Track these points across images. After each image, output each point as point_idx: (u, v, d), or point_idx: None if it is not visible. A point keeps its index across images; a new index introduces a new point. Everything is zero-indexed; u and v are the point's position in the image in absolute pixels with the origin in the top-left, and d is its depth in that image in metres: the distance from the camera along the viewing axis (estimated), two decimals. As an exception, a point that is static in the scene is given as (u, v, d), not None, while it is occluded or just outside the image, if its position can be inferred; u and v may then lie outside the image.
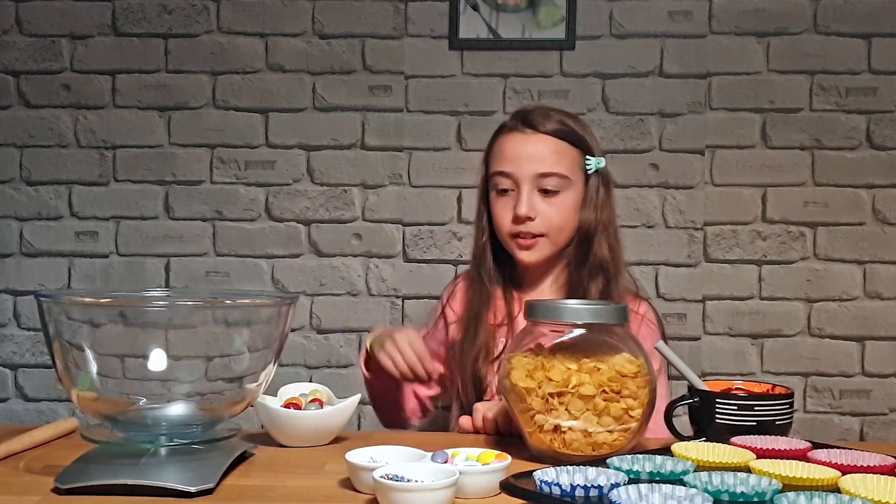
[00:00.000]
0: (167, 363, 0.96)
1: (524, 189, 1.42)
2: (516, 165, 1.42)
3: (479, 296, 1.48)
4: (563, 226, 1.45)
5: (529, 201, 1.41)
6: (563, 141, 1.43)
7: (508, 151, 1.43)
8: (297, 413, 1.18)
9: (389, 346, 1.32)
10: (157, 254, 2.17)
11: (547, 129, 1.43)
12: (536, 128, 1.43)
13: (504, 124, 1.49)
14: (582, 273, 1.45)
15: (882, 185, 2.09)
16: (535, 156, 1.41)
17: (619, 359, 1.09)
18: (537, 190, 1.42)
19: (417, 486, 0.88)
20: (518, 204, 1.41)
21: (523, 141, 1.43)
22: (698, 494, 0.78)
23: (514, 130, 1.44)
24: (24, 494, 0.93)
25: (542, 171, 1.41)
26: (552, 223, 1.43)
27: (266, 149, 2.16)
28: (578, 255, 1.46)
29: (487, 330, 1.45)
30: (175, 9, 2.15)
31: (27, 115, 2.17)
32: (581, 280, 1.45)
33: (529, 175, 1.41)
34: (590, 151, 1.46)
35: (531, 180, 1.41)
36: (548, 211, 1.43)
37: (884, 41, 2.09)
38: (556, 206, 1.43)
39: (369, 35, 2.14)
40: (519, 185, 1.42)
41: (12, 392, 2.19)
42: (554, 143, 1.42)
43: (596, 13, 2.11)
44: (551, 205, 1.43)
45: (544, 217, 1.43)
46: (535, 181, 1.41)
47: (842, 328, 2.10)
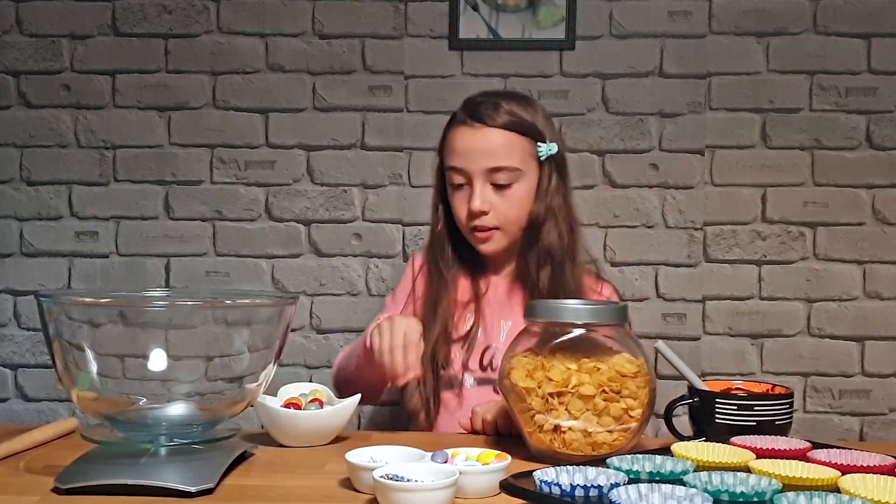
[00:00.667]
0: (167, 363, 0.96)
1: (477, 184, 1.43)
2: (467, 161, 1.43)
3: (437, 283, 1.50)
4: (518, 217, 1.47)
5: (482, 195, 1.43)
6: (512, 132, 1.44)
7: (458, 146, 1.45)
8: (297, 413, 1.18)
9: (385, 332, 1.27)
10: (157, 254, 2.17)
11: (496, 122, 1.43)
12: (485, 121, 1.43)
13: (454, 116, 1.50)
14: (529, 261, 1.47)
15: (882, 185, 2.09)
16: (484, 150, 1.42)
17: (619, 359, 1.09)
18: (490, 184, 1.43)
19: (417, 486, 0.88)
20: (471, 199, 1.43)
21: (472, 136, 1.43)
22: (698, 494, 0.78)
23: (463, 125, 1.45)
24: (24, 494, 0.93)
25: (492, 165, 1.42)
26: (506, 216, 1.45)
27: (266, 149, 2.16)
28: (525, 242, 1.48)
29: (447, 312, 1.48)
30: (175, 9, 2.15)
31: (27, 115, 2.17)
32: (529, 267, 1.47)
33: (480, 170, 1.43)
34: (541, 138, 1.46)
35: (483, 175, 1.43)
36: (501, 204, 1.44)
37: (884, 41, 2.09)
38: (508, 199, 1.44)
39: (369, 35, 2.14)
40: (471, 179, 1.44)
41: (12, 392, 2.19)
42: (503, 136, 1.43)
43: (596, 13, 2.11)
44: (504, 198, 1.44)
45: (498, 210, 1.45)
46: (487, 175, 1.43)
47: (842, 328, 2.10)
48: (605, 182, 2.11)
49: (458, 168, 1.45)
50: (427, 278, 1.53)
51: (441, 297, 1.49)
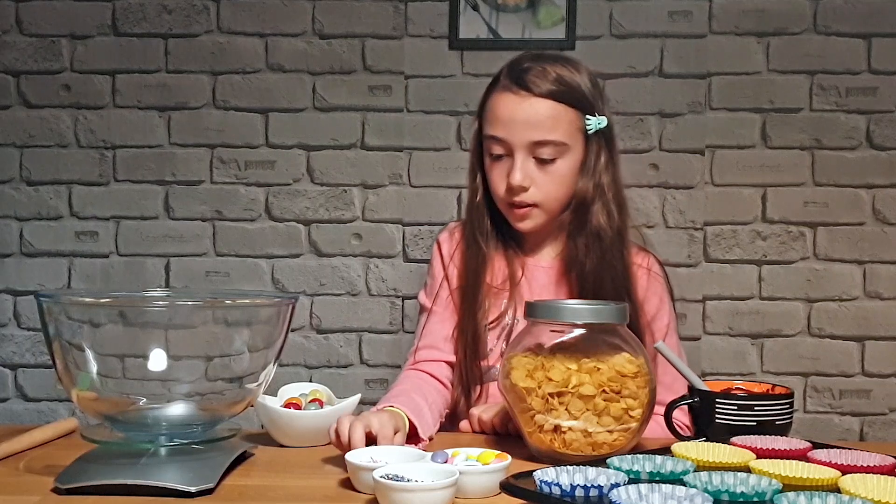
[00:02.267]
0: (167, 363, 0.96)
1: (518, 157, 1.32)
2: (509, 131, 1.31)
3: (476, 259, 1.39)
4: (559, 195, 1.36)
5: (524, 169, 1.32)
6: (560, 103, 1.32)
7: (501, 115, 1.32)
8: (297, 413, 1.18)
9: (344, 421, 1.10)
10: (157, 254, 2.17)
11: (543, 91, 1.31)
12: (531, 90, 1.31)
13: (497, 79, 1.37)
14: (578, 242, 1.36)
15: (882, 185, 2.09)
16: (529, 122, 1.30)
17: (619, 359, 1.09)
18: (532, 157, 1.32)
19: (417, 486, 0.88)
20: (511, 172, 1.32)
21: (517, 104, 1.31)
22: (698, 494, 0.78)
23: (507, 91, 1.33)
24: (24, 494, 0.93)
25: (537, 138, 1.31)
26: (548, 193, 1.34)
27: (266, 149, 2.16)
28: (575, 223, 1.37)
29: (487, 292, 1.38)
30: (175, 9, 2.15)
31: (27, 115, 2.17)
32: (577, 250, 1.36)
33: (524, 142, 1.31)
34: (590, 110, 1.34)
35: (525, 148, 1.31)
36: (542, 179, 1.33)
37: (884, 41, 2.09)
38: (551, 175, 1.33)
39: (369, 35, 2.14)
40: (513, 151, 1.32)
41: (12, 392, 2.19)
42: (550, 107, 1.31)
43: (596, 13, 2.11)
44: (547, 173, 1.33)
45: (539, 186, 1.33)
46: (531, 148, 1.32)
47: (842, 328, 2.10)
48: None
49: (498, 138, 1.32)
50: (464, 254, 1.41)
51: (480, 274, 1.38)
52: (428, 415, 1.21)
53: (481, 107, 1.39)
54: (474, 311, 1.37)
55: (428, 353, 1.39)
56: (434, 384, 1.35)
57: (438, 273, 1.45)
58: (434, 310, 1.42)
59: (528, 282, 1.41)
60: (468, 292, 1.38)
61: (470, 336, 1.37)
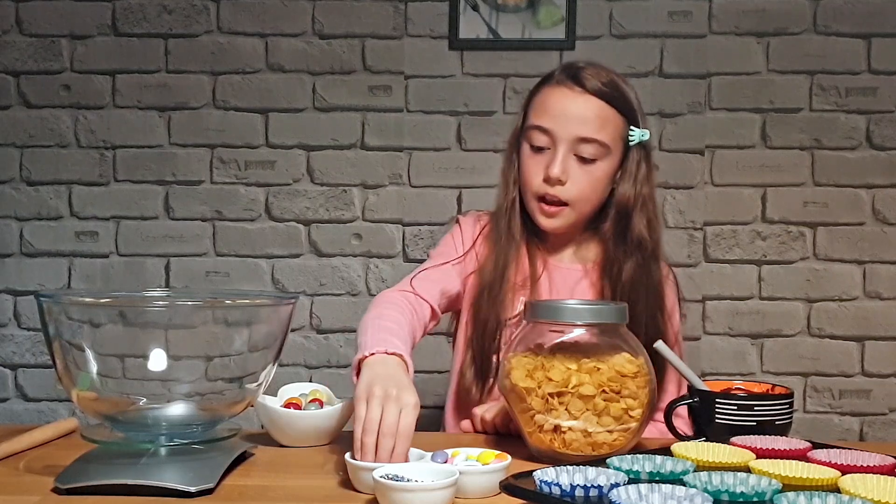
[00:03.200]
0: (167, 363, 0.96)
1: (560, 149, 1.33)
2: (557, 123, 1.33)
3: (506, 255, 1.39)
4: (591, 196, 1.37)
5: (564, 163, 1.33)
6: (610, 106, 1.34)
7: (552, 106, 1.34)
8: (297, 413, 1.18)
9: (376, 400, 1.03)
10: (157, 254, 2.17)
11: (596, 89, 1.33)
12: (585, 86, 1.33)
13: (551, 75, 1.39)
14: (619, 250, 1.37)
15: (882, 185, 2.09)
16: (578, 117, 1.32)
17: (619, 359, 1.09)
18: (573, 154, 1.34)
19: (417, 486, 0.88)
20: (552, 163, 1.33)
21: (570, 98, 1.33)
22: (698, 494, 0.78)
23: (561, 85, 1.35)
24: (24, 494, 0.93)
25: (583, 134, 1.32)
26: (581, 191, 1.35)
27: (266, 149, 2.16)
28: (616, 231, 1.38)
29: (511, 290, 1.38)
30: (175, 9, 2.15)
31: (27, 115, 2.17)
32: (618, 257, 1.37)
33: (569, 136, 1.32)
34: (635, 121, 1.37)
35: (570, 142, 1.33)
36: (581, 178, 1.34)
37: (884, 41, 2.09)
38: (589, 175, 1.34)
39: (369, 35, 2.14)
40: (556, 143, 1.33)
41: (12, 392, 2.19)
42: (601, 107, 1.33)
43: (596, 13, 2.11)
44: (585, 172, 1.34)
45: (575, 183, 1.34)
46: (574, 144, 1.33)
47: (842, 328, 2.10)
48: (605, 182, 2.11)
49: (544, 128, 1.33)
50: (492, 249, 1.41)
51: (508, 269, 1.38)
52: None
53: (528, 101, 1.41)
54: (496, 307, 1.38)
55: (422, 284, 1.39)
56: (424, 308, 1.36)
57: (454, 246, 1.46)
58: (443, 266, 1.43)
59: (549, 281, 1.42)
60: (492, 287, 1.38)
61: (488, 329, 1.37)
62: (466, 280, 1.44)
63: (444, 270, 1.42)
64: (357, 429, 1.01)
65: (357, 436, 1.01)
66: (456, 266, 1.44)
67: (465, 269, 1.45)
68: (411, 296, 1.36)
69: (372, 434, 1.00)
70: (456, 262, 1.44)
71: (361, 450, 1.00)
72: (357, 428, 1.01)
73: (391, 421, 1.00)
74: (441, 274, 1.42)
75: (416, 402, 1.04)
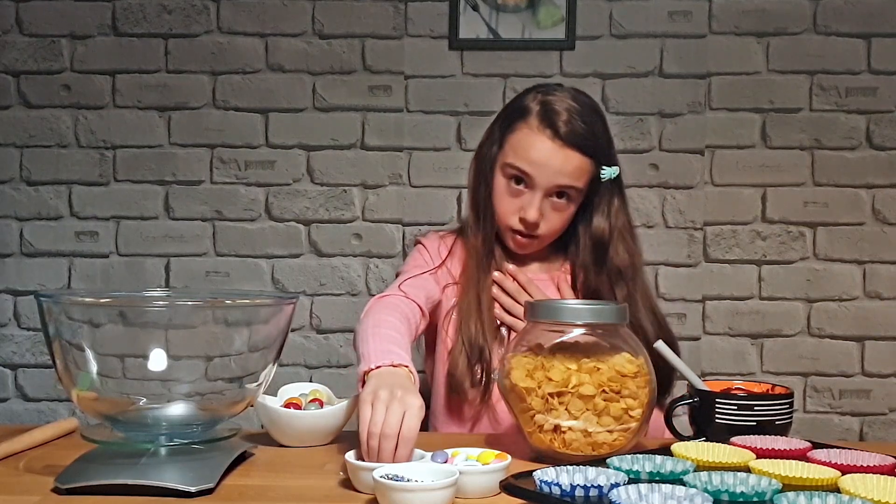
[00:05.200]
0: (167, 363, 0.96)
1: (538, 194, 1.40)
2: (537, 172, 1.39)
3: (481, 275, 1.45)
4: (561, 229, 1.46)
5: (541, 207, 1.41)
6: (586, 156, 1.40)
7: (533, 156, 1.39)
8: (297, 413, 1.18)
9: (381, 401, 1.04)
10: (157, 254, 2.17)
11: (576, 144, 1.39)
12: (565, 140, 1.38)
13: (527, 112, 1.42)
14: (601, 279, 1.45)
15: (882, 185, 2.09)
16: (560, 170, 1.39)
17: (619, 359, 1.09)
18: (548, 197, 1.41)
19: (417, 486, 0.88)
20: (528, 207, 1.40)
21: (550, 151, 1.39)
22: (698, 494, 0.78)
23: (541, 134, 1.39)
24: (24, 494, 0.93)
25: (562, 183, 1.40)
26: (552, 227, 1.44)
27: (266, 149, 2.16)
28: (594, 262, 1.46)
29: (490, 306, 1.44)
30: (175, 9, 2.15)
31: (27, 115, 2.17)
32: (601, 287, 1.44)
33: (548, 184, 1.40)
34: (607, 160, 1.44)
35: (547, 189, 1.40)
36: (553, 217, 1.43)
37: (884, 41, 2.09)
38: (561, 215, 1.43)
39: (369, 35, 2.14)
40: (534, 188, 1.40)
41: (12, 392, 2.19)
42: (579, 159, 1.39)
43: (596, 13, 2.11)
44: (557, 212, 1.43)
45: (548, 222, 1.43)
46: (551, 189, 1.40)
47: (842, 328, 2.10)
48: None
49: (525, 172, 1.40)
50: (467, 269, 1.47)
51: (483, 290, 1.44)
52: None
53: (504, 132, 1.44)
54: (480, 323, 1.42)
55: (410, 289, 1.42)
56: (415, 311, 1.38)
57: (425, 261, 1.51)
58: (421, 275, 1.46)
59: None
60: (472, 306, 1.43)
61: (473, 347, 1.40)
62: (444, 290, 1.48)
63: (424, 278, 1.47)
64: (362, 431, 1.02)
65: (362, 439, 1.02)
66: (432, 275, 1.49)
67: (440, 281, 1.49)
68: (403, 298, 1.38)
69: (375, 437, 1.01)
70: (431, 273, 1.49)
71: (367, 452, 1.01)
72: (362, 430, 1.02)
73: (394, 422, 1.01)
74: (422, 281, 1.46)
75: (421, 404, 1.04)
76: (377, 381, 1.08)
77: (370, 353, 1.17)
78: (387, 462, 0.99)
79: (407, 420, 1.01)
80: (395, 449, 1.00)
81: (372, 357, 1.16)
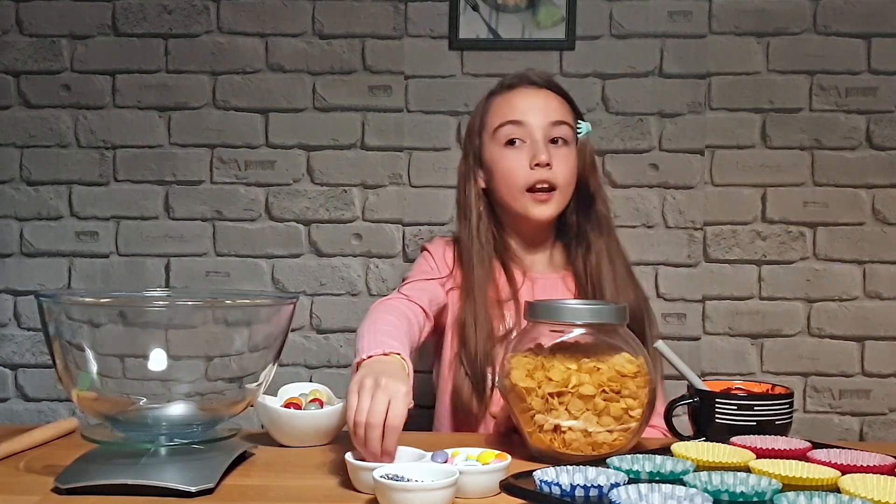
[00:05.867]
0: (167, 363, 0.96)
1: (538, 139, 1.43)
2: (528, 115, 1.44)
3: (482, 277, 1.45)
4: (571, 181, 1.47)
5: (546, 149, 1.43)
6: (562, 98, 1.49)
7: (518, 104, 1.46)
8: (297, 413, 1.18)
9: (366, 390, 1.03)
10: (157, 254, 2.17)
11: (550, 84, 1.49)
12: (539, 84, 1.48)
13: (502, 83, 1.52)
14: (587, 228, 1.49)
15: (882, 185, 2.09)
16: (545, 105, 1.45)
17: (619, 359, 1.09)
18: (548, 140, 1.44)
19: (417, 486, 0.88)
20: (536, 151, 1.42)
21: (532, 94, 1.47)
22: (698, 494, 0.78)
23: (517, 87, 1.48)
24: (24, 494, 0.93)
25: (555, 118, 1.44)
26: (566, 175, 1.45)
27: (266, 149, 2.16)
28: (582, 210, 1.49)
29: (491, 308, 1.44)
30: (175, 9, 2.15)
31: (27, 115, 2.17)
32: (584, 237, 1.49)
33: (543, 123, 1.43)
34: (579, 114, 1.52)
35: (544, 129, 1.43)
36: (562, 161, 1.44)
37: (884, 41, 2.09)
38: (567, 159, 1.45)
39: (369, 35, 2.14)
40: (532, 133, 1.43)
41: (12, 392, 2.19)
42: (558, 98, 1.48)
43: (596, 13, 2.11)
44: (563, 156, 1.45)
45: (560, 166, 1.44)
46: (547, 130, 1.43)
47: (842, 328, 2.10)
48: (606, 182, 2.11)
49: (516, 121, 1.44)
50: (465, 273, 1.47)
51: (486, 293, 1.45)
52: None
53: (483, 113, 1.46)
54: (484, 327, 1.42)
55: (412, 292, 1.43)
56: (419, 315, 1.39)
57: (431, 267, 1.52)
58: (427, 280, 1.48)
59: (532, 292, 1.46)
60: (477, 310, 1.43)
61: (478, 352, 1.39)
62: (448, 294, 1.48)
63: (428, 283, 1.48)
64: (349, 422, 1.02)
65: (350, 428, 1.02)
66: (438, 281, 1.49)
67: (446, 285, 1.50)
68: (405, 300, 1.37)
69: (361, 426, 1.00)
70: (437, 279, 1.49)
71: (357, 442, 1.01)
72: (349, 420, 1.02)
73: (378, 410, 1.00)
74: (427, 285, 1.47)
75: (407, 391, 1.03)
76: (365, 371, 1.08)
77: (363, 347, 1.18)
78: (374, 451, 0.99)
79: (392, 408, 1.00)
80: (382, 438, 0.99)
81: (364, 349, 1.16)
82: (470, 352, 1.40)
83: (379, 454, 1.00)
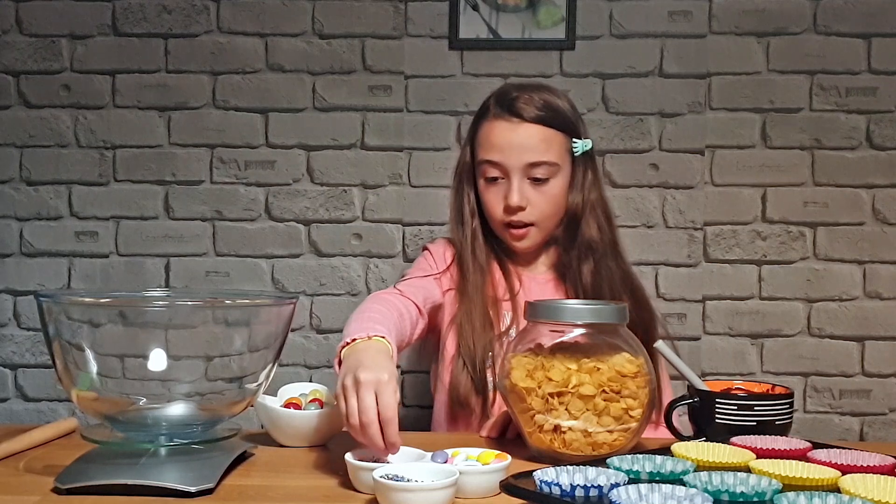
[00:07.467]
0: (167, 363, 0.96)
1: (514, 178, 1.41)
2: (505, 155, 1.41)
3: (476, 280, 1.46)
4: (553, 213, 1.46)
5: (520, 190, 1.41)
6: (549, 128, 1.42)
7: (496, 140, 1.42)
8: (297, 413, 1.18)
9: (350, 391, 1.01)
10: (157, 254, 2.17)
11: (534, 116, 1.41)
12: (523, 116, 1.41)
13: (487, 108, 1.47)
14: (571, 255, 1.46)
15: (882, 185, 2.09)
16: (523, 146, 1.40)
17: (619, 359, 1.09)
18: (527, 178, 1.42)
19: (417, 486, 0.88)
20: (509, 194, 1.41)
21: (511, 131, 1.41)
22: (698, 494, 0.78)
23: (499, 119, 1.43)
24: (24, 494, 0.93)
25: (531, 160, 1.41)
26: (542, 211, 1.44)
27: (266, 149, 2.16)
28: (566, 237, 1.47)
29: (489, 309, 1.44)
30: (175, 9, 2.15)
31: (27, 115, 2.17)
32: (571, 262, 1.45)
33: (519, 164, 1.41)
34: (576, 134, 1.46)
35: (521, 169, 1.41)
36: (538, 199, 1.43)
37: (884, 41, 2.09)
38: (545, 195, 1.43)
39: (369, 35, 2.14)
40: (509, 174, 1.42)
41: (12, 392, 2.19)
42: (541, 132, 1.41)
43: (596, 13, 2.11)
44: (541, 193, 1.43)
45: (535, 206, 1.43)
46: (525, 170, 1.41)
47: (842, 328, 2.10)
48: (606, 182, 2.10)
49: (494, 162, 1.42)
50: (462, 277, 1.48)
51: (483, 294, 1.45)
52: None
53: (472, 135, 1.48)
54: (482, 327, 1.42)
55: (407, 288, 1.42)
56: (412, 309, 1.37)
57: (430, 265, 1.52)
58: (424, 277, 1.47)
59: (527, 294, 1.46)
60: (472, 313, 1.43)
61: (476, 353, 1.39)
62: (445, 294, 1.48)
63: (426, 280, 1.48)
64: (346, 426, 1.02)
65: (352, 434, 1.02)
66: (435, 279, 1.49)
67: (444, 285, 1.50)
68: (397, 295, 1.38)
69: (357, 429, 1.00)
70: (435, 276, 1.50)
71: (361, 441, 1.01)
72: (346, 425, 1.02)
73: (368, 406, 0.98)
74: (423, 283, 1.47)
75: (390, 377, 1.01)
76: (345, 367, 1.06)
77: (348, 332, 1.16)
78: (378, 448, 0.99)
79: (382, 399, 0.99)
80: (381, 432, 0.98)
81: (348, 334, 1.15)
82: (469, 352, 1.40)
83: (384, 448, 0.99)
